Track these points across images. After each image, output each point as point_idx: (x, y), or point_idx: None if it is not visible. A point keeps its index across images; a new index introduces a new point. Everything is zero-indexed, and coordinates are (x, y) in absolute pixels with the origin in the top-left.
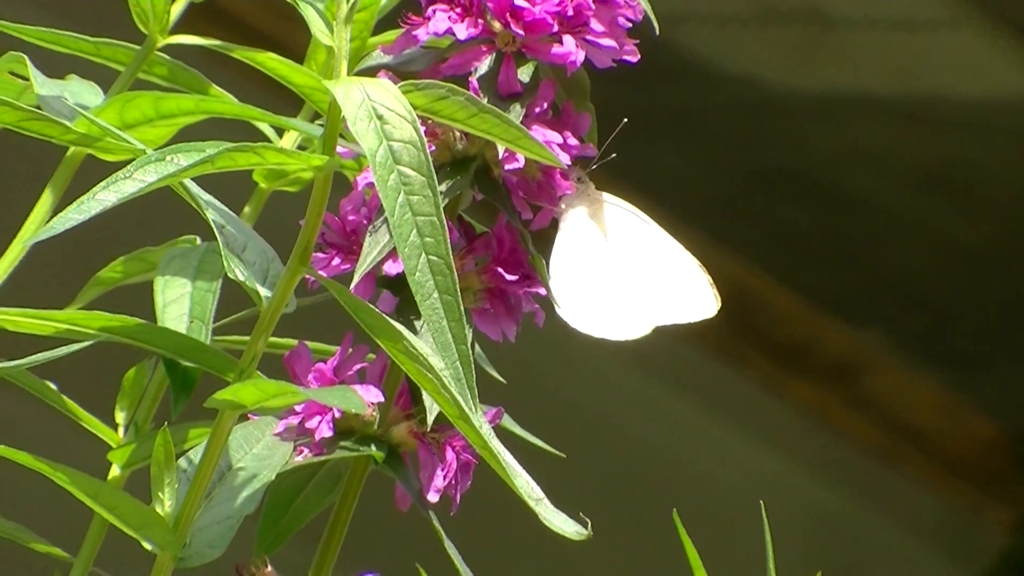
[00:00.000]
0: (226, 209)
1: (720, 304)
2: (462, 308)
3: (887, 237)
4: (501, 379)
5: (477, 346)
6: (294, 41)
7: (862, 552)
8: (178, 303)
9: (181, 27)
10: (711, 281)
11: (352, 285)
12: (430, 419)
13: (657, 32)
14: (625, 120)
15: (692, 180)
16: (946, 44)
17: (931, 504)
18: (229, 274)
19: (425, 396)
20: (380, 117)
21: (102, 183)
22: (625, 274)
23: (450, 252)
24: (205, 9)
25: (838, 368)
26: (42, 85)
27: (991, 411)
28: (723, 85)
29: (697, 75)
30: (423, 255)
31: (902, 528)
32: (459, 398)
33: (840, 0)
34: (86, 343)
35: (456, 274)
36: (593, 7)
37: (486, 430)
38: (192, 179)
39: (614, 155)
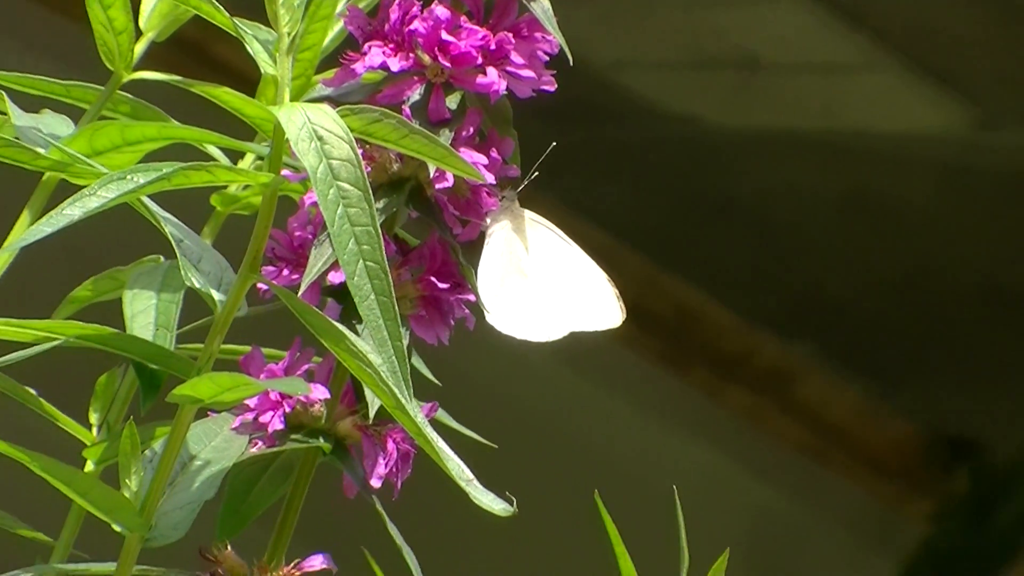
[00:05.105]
0: (183, 225)
1: (625, 315)
2: (396, 309)
3: (813, 260)
4: (437, 382)
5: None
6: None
7: (794, 541)
8: (145, 313)
9: (158, 63)
10: (618, 295)
11: (300, 293)
12: (372, 413)
13: (571, 63)
14: (554, 144)
15: (637, 209)
16: (864, 85)
17: (855, 498)
18: (187, 282)
19: (367, 392)
20: (320, 138)
21: (69, 199)
22: (543, 283)
23: (385, 259)
24: (179, 45)
25: (771, 376)
26: (19, 118)
27: (906, 415)
28: (664, 124)
29: (640, 115)
30: (361, 261)
31: (830, 519)
32: (395, 390)
33: (768, 47)
34: (54, 343)
35: (393, 282)
36: (513, 42)
37: (421, 419)
38: (156, 202)
39: (536, 174)
